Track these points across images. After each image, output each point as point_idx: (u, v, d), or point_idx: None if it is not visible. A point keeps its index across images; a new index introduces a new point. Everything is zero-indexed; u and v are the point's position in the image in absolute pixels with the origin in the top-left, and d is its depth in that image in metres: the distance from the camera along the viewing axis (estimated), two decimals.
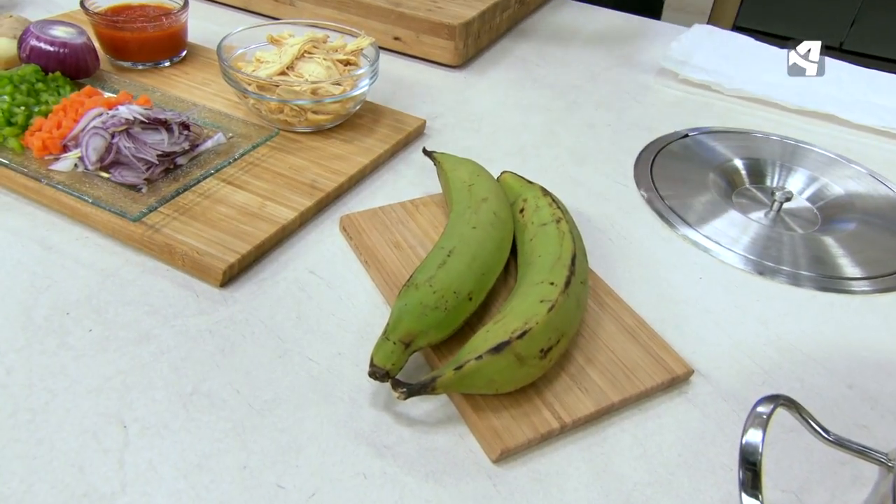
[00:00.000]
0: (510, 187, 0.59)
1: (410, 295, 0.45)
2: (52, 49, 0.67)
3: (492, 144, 0.74)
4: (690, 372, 0.47)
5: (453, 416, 0.44)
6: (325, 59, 0.66)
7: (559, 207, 0.54)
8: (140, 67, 0.76)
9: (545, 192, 0.56)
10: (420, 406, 0.45)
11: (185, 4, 0.77)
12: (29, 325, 0.47)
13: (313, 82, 0.64)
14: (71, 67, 0.68)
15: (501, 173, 0.61)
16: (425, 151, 0.62)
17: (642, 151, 0.75)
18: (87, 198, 0.54)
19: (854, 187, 0.71)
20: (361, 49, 0.70)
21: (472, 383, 0.42)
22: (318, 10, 0.92)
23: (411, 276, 0.47)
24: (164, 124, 0.59)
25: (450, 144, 0.72)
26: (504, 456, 0.41)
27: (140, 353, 0.46)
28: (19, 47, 0.67)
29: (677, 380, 0.47)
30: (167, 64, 0.78)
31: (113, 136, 0.57)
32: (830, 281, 0.59)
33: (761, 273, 0.59)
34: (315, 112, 0.65)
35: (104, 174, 0.57)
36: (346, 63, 0.69)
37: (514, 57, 0.94)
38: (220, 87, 0.75)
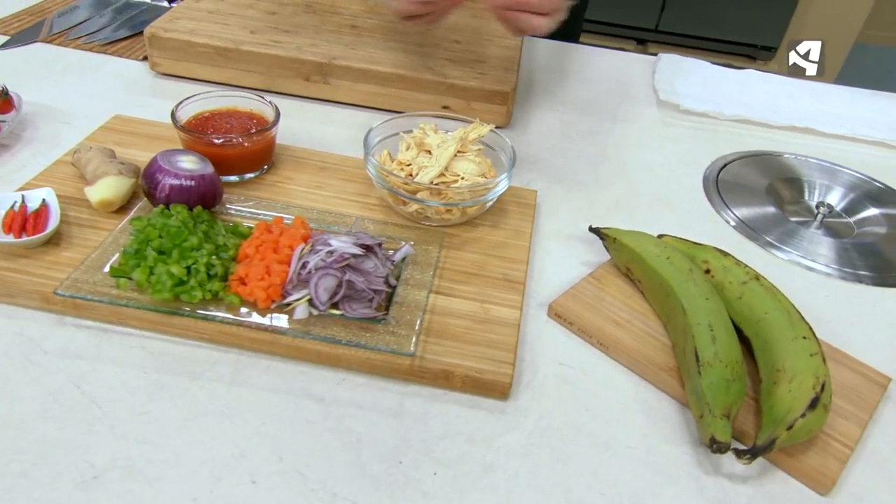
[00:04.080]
0: (679, 249, 0.68)
1: (710, 373, 0.53)
2: (192, 184, 0.63)
3: (595, 202, 0.82)
4: (889, 380, 0.60)
5: (766, 466, 0.53)
6: (476, 155, 0.70)
7: (746, 265, 0.64)
8: (233, 180, 0.74)
9: (723, 253, 0.65)
10: (738, 466, 0.53)
11: (278, 115, 0.75)
12: (377, 483, 0.48)
13: (472, 183, 0.68)
14: (209, 199, 0.65)
15: (659, 236, 0.70)
16: (592, 229, 0.69)
17: (707, 188, 0.87)
18: (365, 345, 0.54)
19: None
20: (482, 136, 0.74)
21: (797, 436, 0.51)
22: (355, 86, 0.93)
23: (697, 357, 0.54)
24: (371, 249, 0.60)
25: (564, 207, 0.79)
26: (832, 486, 0.51)
27: (496, 483, 0.49)
28: (154, 187, 0.63)
29: (885, 389, 0.60)
30: (265, 171, 0.76)
31: (341, 271, 0.57)
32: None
33: (860, 281, 0.74)
34: (471, 207, 0.69)
35: (335, 312, 0.57)
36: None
37: (538, 107, 1.01)
38: (334, 188, 0.75)
